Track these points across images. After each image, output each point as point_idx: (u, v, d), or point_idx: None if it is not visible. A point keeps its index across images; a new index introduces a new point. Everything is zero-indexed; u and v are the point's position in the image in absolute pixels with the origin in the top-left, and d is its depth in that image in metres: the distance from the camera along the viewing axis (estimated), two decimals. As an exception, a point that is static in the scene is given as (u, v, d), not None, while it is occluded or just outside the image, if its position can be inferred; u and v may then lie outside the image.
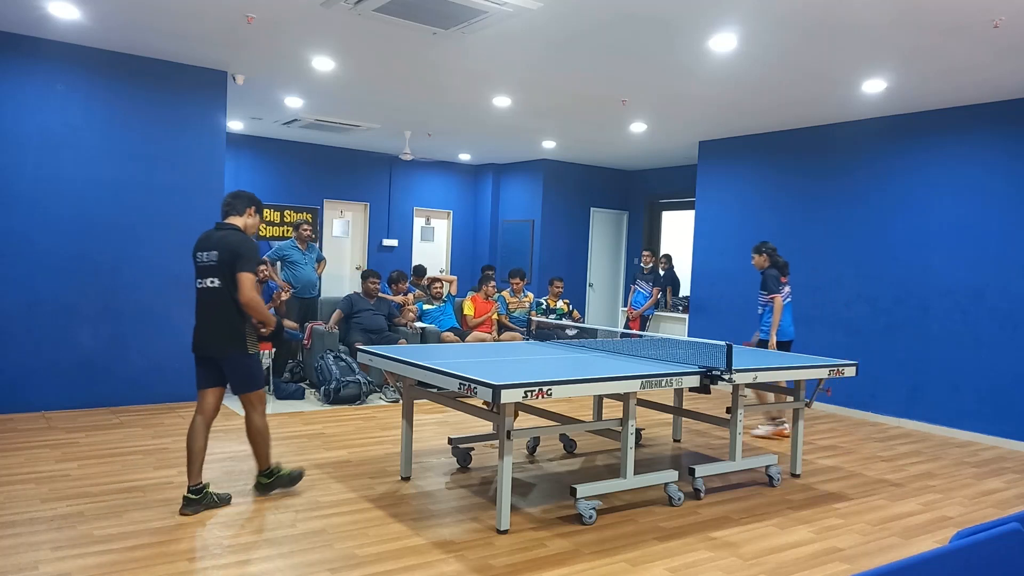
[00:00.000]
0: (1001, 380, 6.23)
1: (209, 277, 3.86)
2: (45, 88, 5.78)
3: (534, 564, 3.35)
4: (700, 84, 6.21)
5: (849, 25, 4.64)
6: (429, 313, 8.08)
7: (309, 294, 7.92)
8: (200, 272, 3.90)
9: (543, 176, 11.00)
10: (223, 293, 3.84)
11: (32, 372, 5.80)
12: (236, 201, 4.01)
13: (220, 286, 3.83)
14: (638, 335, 6.31)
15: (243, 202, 4.02)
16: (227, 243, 3.84)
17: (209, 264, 3.86)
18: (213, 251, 3.85)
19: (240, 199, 4.02)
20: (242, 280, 3.80)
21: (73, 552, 3.26)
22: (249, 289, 3.81)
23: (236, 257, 3.80)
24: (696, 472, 4.42)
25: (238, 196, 4.03)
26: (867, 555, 3.64)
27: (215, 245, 3.86)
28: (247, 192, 4.06)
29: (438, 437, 5.66)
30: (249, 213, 4.03)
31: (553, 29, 5.00)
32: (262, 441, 4.02)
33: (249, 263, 3.82)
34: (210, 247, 3.87)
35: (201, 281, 3.89)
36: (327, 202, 10.71)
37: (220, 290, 3.84)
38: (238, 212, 4.00)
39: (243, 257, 3.81)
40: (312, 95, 7.35)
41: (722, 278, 8.54)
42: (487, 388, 3.38)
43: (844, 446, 5.95)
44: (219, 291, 3.84)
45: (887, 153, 7.06)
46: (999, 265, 6.26)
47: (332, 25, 5.11)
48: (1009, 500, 4.66)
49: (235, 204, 4.00)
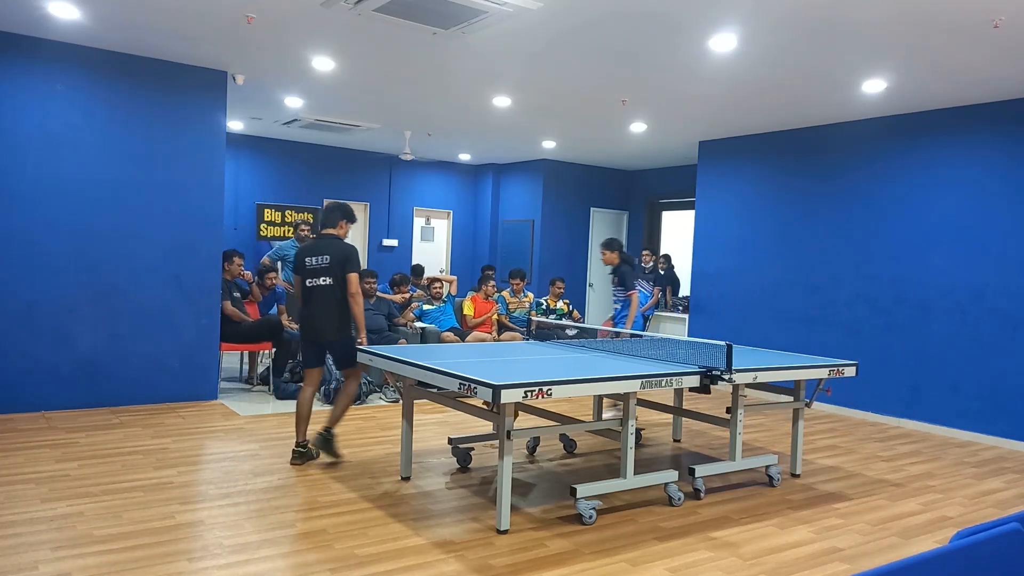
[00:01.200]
0: (1001, 380, 6.23)
1: (321, 276, 4.70)
2: (45, 88, 5.78)
3: (534, 564, 3.35)
4: (700, 84, 6.21)
5: (849, 25, 4.64)
6: (429, 313, 8.08)
7: (309, 294, 7.91)
8: (311, 273, 4.72)
9: (543, 176, 11.00)
10: (334, 289, 4.69)
11: (32, 372, 5.80)
12: (331, 215, 4.82)
13: (331, 284, 4.68)
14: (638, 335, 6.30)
15: (336, 216, 4.81)
16: (336, 248, 4.70)
17: (321, 266, 4.69)
18: (324, 255, 4.70)
19: (334, 214, 4.81)
20: (350, 279, 4.69)
21: (73, 552, 3.26)
22: (355, 284, 4.70)
23: (346, 260, 4.68)
24: (696, 472, 4.42)
25: (332, 211, 4.83)
26: (867, 555, 3.65)
27: (325, 251, 4.70)
28: (341, 206, 4.84)
29: (438, 437, 5.66)
30: (341, 224, 4.83)
31: (553, 29, 5.00)
32: (347, 405, 4.81)
33: (356, 265, 4.73)
34: (320, 252, 4.71)
35: (313, 280, 4.71)
36: (327, 202, 10.69)
37: (331, 287, 4.69)
38: (333, 224, 4.81)
39: (351, 260, 4.71)
40: (312, 95, 7.35)
41: (722, 278, 8.54)
42: (487, 388, 3.38)
43: (844, 446, 5.95)
44: (331, 288, 4.69)
45: (887, 153, 7.06)
46: (999, 265, 6.26)
47: (332, 25, 5.11)
48: (1009, 500, 4.66)
49: (330, 218, 4.81)
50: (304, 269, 4.75)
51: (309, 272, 4.73)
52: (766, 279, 8.07)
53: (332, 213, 4.82)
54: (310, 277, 4.73)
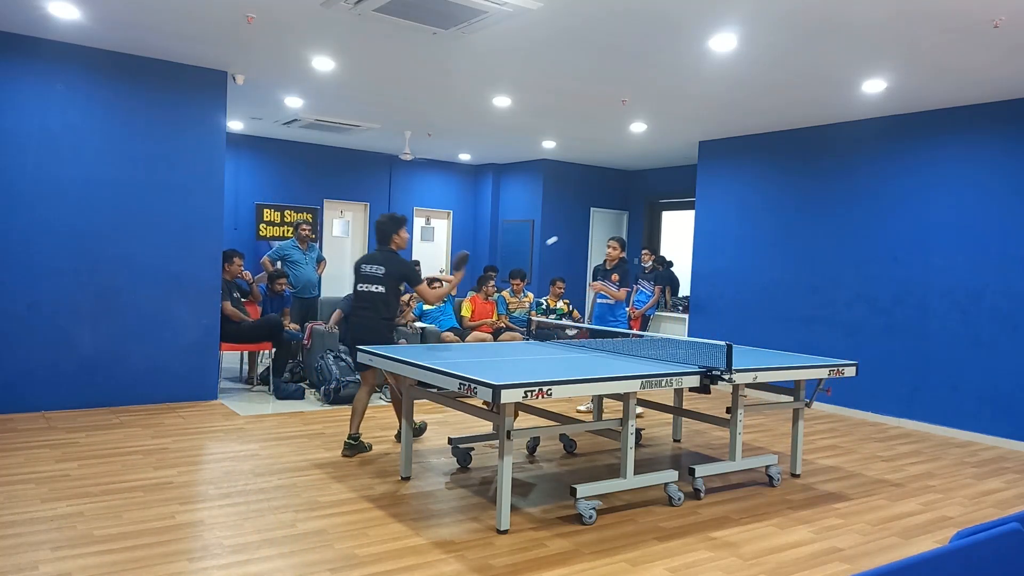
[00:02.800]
0: (1001, 380, 6.23)
1: (374, 284, 4.96)
2: (45, 88, 5.78)
3: (534, 564, 3.35)
4: (700, 84, 6.21)
5: (849, 25, 4.64)
6: (429, 313, 8.08)
7: (309, 294, 7.92)
8: (364, 280, 5.01)
9: (543, 176, 11.00)
10: (384, 297, 4.96)
11: (32, 372, 5.80)
12: (385, 227, 5.05)
13: (383, 292, 4.96)
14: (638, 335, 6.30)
15: (391, 227, 5.04)
16: (392, 262, 4.99)
17: (375, 274, 4.97)
18: (380, 266, 4.98)
19: (387, 227, 5.05)
20: (422, 292, 5.10)
21: (73, 552, 3.26)
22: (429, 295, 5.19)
23: (404, 276, 5.01)
24: (696, 472, 4.42)
25: (385, 224, 5.06)
26: (867, 555, 3.65)
27: (380, 261, 5.00)
28: (394, 217, 5.08)
29: (438, 437, 5.66)
30: (394, 239, 5.06)
31: (553, 29, 5.00)
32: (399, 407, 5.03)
33: (416, 277, 5.11)
34: (376, 262, 5.01)
35: (365, 286, 4.99)
36: (327, 202, 10.72)
37: (383, 295, 4.96)
38: (386, 241, 5.06)
39: (410, 276, 5.05)
40: (312, 95, 7.35)
41: (722, 278, 8.54)
42: (487, 388, 3.38)
43: (844, 446, 5.95)
44: (381, 295, 4.96)
45: (887, 153, 7.06)
46: (999, 265, 6.26)
47: (332, 25, 5.11)
48: (1009, 500, 4.66)
49: (385, 231, 5.05)
50: (358, 273, 5.08)
51: (360, 278, 5.04)
52: (766, 279, 8.07)
53: (385, 226, 5.07)
54: (361, 283, 5.03)
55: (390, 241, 5.09)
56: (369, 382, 5.09)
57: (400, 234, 5.10)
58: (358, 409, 5.04)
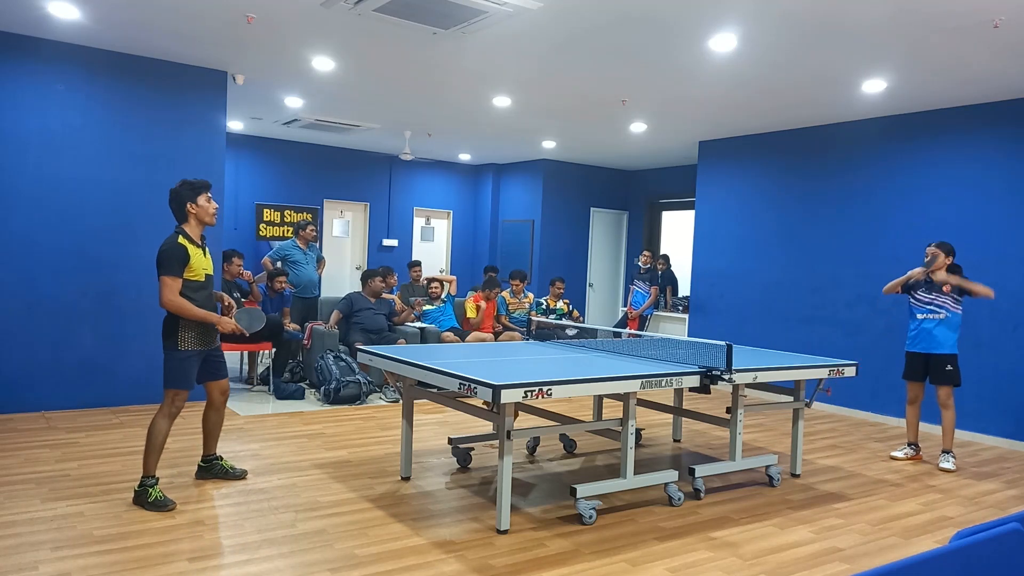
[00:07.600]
0: (1001, 380, 6.23)
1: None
2: (45, 88, 5.77)
3: (534, 564, 3.35)
4: (700, 84, 6.21)
5: (849, 25, 4.64)
6: (429, 313, 8.08)
7: (310, 294, 7.92)
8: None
9: (543, 176, 11.00)
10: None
11: (32, 372, 5.80)
12: (173, 199, 4.09)
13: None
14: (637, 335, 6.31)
15: (181, 198, 4.11)
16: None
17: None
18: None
19: (176, 197, 4.09)
20: (160, 287, 3.96)
21: (73, 552, 3.26)
22: (165, 290, 3.93)
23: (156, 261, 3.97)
24: (696, 472, 4.42)
25: (173, 194, 4.09)
26: (867, 555, 3.65)
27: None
28: (184, 182, 4.12)
29: (438, 437, 5.66)
30: (194, 203, 4.10)
31: (553, 29, 5.00)
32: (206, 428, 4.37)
33: (164, 264, 3.92)
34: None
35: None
36: (327, 202, 10.72)
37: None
38: (181, 213, 4.13)
39: (158, 261, 3.97)
40: (312, 95, 7.35)
41: (722, 278, 8.54)
42: (487, 388, 3.38)
43: (844, 446, 5.95)
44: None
45: (887, 153, 7.06)
46: (999, 264, 6.26)
47: (332, 25, 5.11)
48: (1009, 500, 4.66)
49: (177, 203, 4.08)
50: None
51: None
52: (766, 279, 8.07)
53: (171, 202, 4.12)
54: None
55: (185, 216, 4.07)
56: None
57: (198, 203, 4.06)
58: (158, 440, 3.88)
